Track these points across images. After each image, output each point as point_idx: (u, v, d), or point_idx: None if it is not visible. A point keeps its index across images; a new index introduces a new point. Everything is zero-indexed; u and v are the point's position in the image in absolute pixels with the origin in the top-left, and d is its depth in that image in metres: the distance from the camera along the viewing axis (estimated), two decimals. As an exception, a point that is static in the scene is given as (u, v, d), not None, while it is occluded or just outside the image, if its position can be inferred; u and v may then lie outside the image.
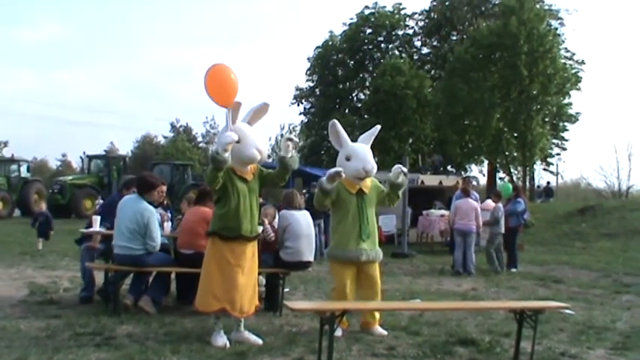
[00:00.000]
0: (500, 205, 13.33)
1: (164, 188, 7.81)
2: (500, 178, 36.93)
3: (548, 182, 38.76)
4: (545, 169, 40.73)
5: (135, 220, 7.07)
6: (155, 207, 7.55)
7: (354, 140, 7.09)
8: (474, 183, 18.63)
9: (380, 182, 7.21)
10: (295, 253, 7.60)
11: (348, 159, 6.79)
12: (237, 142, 5.98)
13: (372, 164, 6.77)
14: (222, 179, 5.98)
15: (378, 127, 7.28)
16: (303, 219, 7.77)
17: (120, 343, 5.98)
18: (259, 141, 6.24)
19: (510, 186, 15.76)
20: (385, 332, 6.77)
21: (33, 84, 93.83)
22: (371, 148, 7.02)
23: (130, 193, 7.91)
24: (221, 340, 6.03)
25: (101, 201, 22.75)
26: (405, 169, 7.06)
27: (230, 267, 6.04)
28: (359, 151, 6.81)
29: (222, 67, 6.11)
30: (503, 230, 13.16)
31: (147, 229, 7.09)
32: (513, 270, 13.00)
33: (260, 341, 6.14)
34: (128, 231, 7.06)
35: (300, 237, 7.63)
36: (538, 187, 38.21)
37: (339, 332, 6.55)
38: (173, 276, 8.19)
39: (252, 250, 6.28)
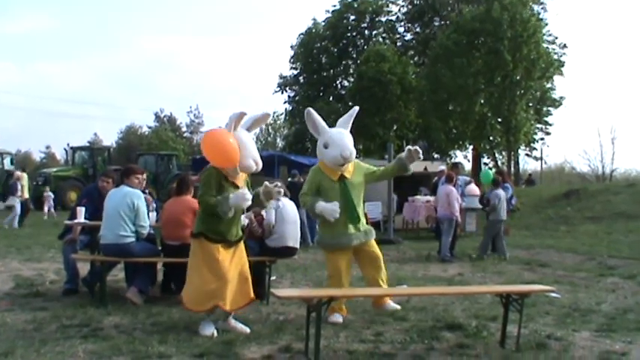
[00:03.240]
0: (497, 191, 12.91)
1: (143, 177, 8.01)
2: (484, 164, 37.12)
3: (530, 174, 38.98)
4: (527, 155, 40.92)
5: (125, 203, 7.11)
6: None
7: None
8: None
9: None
10: (280, 239, 7.61)
11: (326, 146, 6.65)
12: None
13: (350, 150, 6.58)
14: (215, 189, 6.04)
15: (356, 108, 7.05)
16: (289, 205, 7.79)
17: (107, 334, 5.96)
18: (256, 152, 6.21)
19: (490, 172, 15.74)
20: (398, 306, 6.85)
21: (15, 76, 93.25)
22: (355, 135, 6.93)
23: (106, 182, 8.11)
24: (209, 329, 6.02)
25: (51, 194, 23.27)
26: (415, 149, 6.66)
27: (219, 264, 6.01)
28: (336, 138, 6.63)
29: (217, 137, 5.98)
30: (503, 217, 12.86)
31: (137, 211, 7.15)
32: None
33: (247, 330, 6.15)
34: (118, 217, 7.08)
35: (287, 223, 7.64)
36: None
37: (339, 318, 6.59)
38: (159, 266, 8.18)
39: (239, 246, 6.30)
